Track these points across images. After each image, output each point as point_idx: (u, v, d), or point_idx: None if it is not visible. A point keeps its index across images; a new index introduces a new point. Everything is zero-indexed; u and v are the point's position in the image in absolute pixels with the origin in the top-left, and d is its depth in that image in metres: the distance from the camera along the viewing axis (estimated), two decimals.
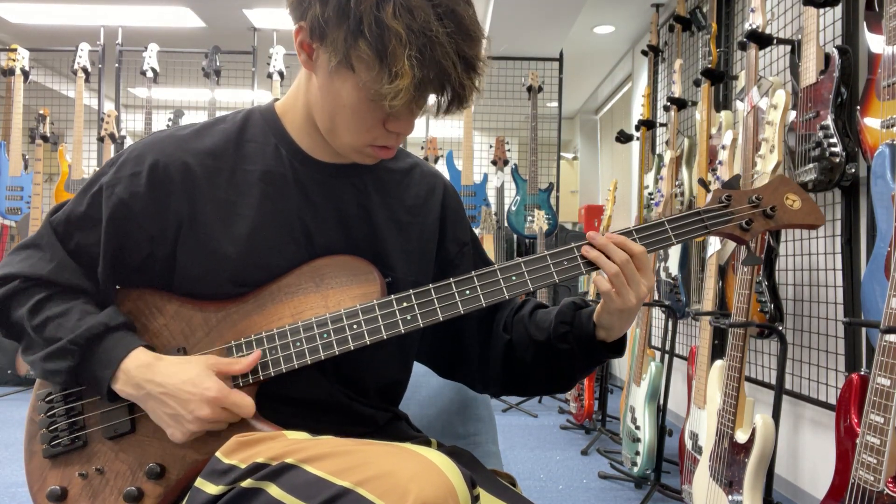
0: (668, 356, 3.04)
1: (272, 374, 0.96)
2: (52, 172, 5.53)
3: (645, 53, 4.38)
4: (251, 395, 0.96)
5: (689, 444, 2.38)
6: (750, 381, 3.07)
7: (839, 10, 2.41)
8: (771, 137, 1.97)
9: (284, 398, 0.99)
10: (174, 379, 0.91)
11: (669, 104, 3.48)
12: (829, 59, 2.23)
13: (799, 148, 2.32)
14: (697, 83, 3.23)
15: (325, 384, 1.00)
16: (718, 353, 2.65)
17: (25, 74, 5.09)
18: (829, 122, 2.18)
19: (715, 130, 3.14)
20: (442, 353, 1.17)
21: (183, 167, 0.99)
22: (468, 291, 0.97)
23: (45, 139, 5.12)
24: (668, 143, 3.61)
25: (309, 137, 1.03)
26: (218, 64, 5.11)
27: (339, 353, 0.96)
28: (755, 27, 2.40)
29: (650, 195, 3.86)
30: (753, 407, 2.01)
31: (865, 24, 2.10)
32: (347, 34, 0.85)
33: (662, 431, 2.89)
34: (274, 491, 0.78)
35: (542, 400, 5.01)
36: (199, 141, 1.02)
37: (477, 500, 0.80)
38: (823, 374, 2.55)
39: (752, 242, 1.06)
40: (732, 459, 1.95)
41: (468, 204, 5.00)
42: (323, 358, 0.96)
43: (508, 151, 5.37)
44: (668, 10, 4.45)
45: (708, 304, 2.52)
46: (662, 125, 4.22)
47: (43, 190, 5.02)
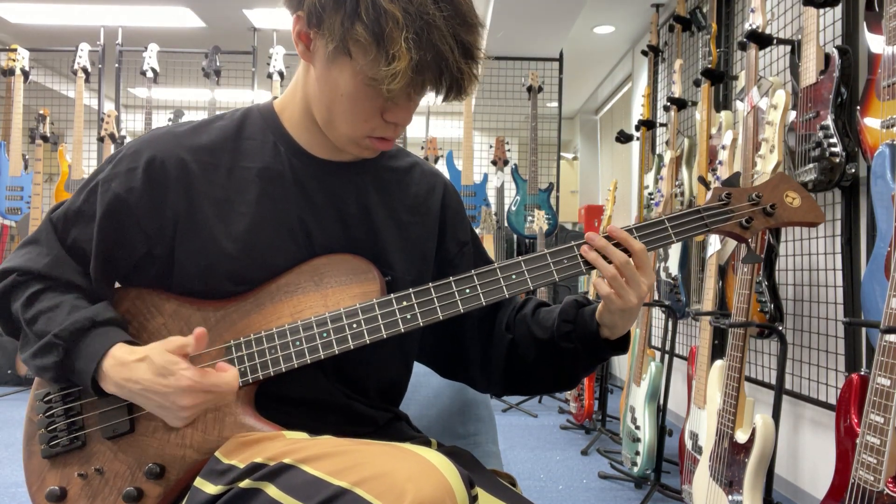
0: (668, 356, 3.04)
1: (271, 373, 0.96)
2: (52, 172, 5.53)
3: (645, 53, 4.38)
4: (250, 394, 0.96)
5: (689, 444, 2.38)
6: (750, 381, 3.07)
7: (839, 10, 2.41)
8: (771, 137, 1.97)
9: (284, 398, 0.98)
10: (147, 374, 0.89)
11: (669, 104, 3.48)
12: (829, 59, 2.23)
13: (799, 148, 2.32)
14: (697, 83, 3.22)
15: (324, 384, 1.00)
16: (718, 353, 2.65)
17: (25, 74, 5.09)
18: (829, 122, 2.17)
19: (715, 130, 3.14)
20: (443, 353, 1.17)
21: (180, 163, 0.99)
22: (468, 290, 0.97)
23: (45, 139, 5.12)
24: (668, 143, 3.61)
25: (307, 133, 1.03)
26: (218, 64, 5.10)
27: (338, 352, 0.96)
28: (755, 27, 2.40)
29: (650, 195, 3.86)
30: (753, 407, 2.01)
31: (865, 24, 2.10)
32: (344, 18, 0.86)
33: (662, 431, 2.89)
34: (272, 491, 0.78)
35: (542, 400, 5.01)
36: (196, 137, 1.02)
37: (475, 500, 0.80)
38: (823, 374, 2.55)
39: (752, 241, 1.06)
40: (732, 459, 1.95)
41: (468, 204, 5.00)
42: (322, 357, 0.96)
43: (508, 151, 5.37)
44: (668, 10, 4.45)
45: (708, 304, 2.52)
46: (662, 125, 4.21)
47: (43, 190, 5.03)
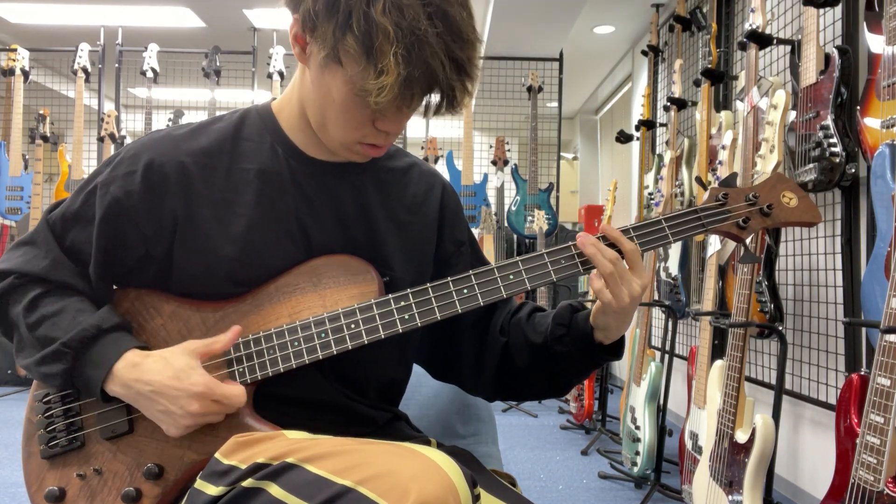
0: (668, 356, 3.04)
1: (270, 374, 0.96)
2: (52, 172, 5.53)
3: (645, 53, 4.38)
4: (250, 394, 0.96)
5: (689, 444, 2.38)
6: (750, 381, 3.07)
7: (839, 10, 2.41)
8: (771, 137, 1.97)
9: (283, 398, 0.98)
10: (160, 376, 0.91)
11: (669, 104, 3.48)
12: (829, 59, 2.22)
13: (799, 148, 2.32)
14: (697, 83, 3.22)
15: (324, 384, 1.00)
16: (718, 353, 2.65)
17: (25, 74, 5.09)
18: (829, 122, 2.17)
19: (715, 130, 3.14)
20: (437, 354, 1.17)
21: (178, 166, 0.99)
22: (466, 290, 0.97)
23: (45, 139, 5.13)
24: (668, 143, 3.61)
25: (303, 134, 1.03)
26: (218, 64, 5.10)
27: (337, 352, 0.96)
28: (755, 27, 2.40)
29: (650, 195, 3.86)
30: (753, 407, 2.01)
31: (865, 24, 2.10)
32: (336, 28, 0.86)
33: (662, 431, 2.89)
34: (275, 490, 0.78)
35: (542, 400, 5.01)
36: (195, 140, 1.02)
37: (478, 499, 0.80)
38: (823, 374, 2.55)
39: (749, 241, 1.05)
40: (732, 459, 1.95)
41: (468, 204, 5.00)
42: (321, 358, 0.96)
43: (508, 151, 5.37)
44: (668, 10, 4.45)
45: (708, 304, 2.52)
46: (662, 125, 4.21)
47: (43, 190, 5.03)
